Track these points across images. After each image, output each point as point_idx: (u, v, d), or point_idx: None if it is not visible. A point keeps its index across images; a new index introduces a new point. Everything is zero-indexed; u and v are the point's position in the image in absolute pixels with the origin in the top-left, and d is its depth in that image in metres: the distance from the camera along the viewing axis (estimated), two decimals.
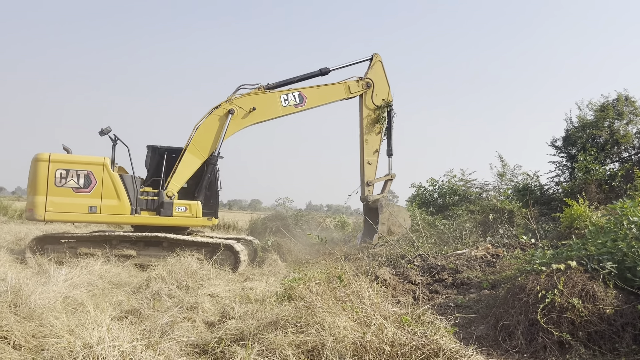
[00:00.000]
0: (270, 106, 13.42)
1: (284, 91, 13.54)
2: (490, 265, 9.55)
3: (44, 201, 11.60)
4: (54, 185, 11.66)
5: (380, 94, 14.55)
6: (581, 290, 5.54)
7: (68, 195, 11.71)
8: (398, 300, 7.22)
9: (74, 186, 11.75)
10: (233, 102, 13.06)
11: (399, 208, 15.15)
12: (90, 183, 11.83)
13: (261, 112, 13.30)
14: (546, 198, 17.27)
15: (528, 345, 5.46)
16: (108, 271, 9.82)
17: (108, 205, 11.87)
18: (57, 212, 11.71)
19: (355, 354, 4.48)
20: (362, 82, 14.38)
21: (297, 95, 13.56)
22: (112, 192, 11.89)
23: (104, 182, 11.86)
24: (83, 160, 11.98)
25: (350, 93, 14.30)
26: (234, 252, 11.97)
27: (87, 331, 4.41)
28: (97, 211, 11.82)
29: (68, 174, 11.75)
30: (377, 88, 14.52)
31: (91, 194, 11.80)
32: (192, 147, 12.79)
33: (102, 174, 11.87)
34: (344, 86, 14.25)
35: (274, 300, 6.20)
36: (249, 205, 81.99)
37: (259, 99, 13.31)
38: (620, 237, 6.20)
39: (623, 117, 17.75)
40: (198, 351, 5.17)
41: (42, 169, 11.70)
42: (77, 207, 11.74)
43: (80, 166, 11.85)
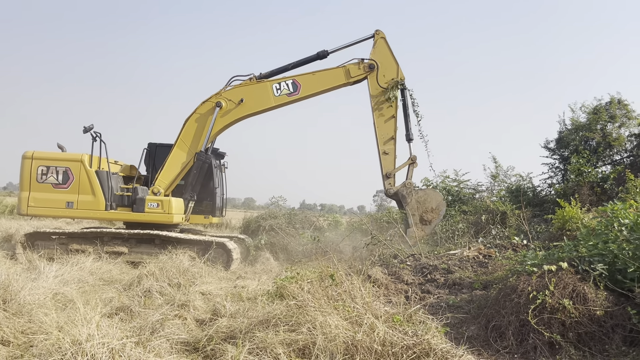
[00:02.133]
0: (261, 97, 12.48)
1: (276, 80, 12.49)
2: (482, 266, 9.58)
3: (27, 196, 11.99)
4: (36, 182, 12.03)
5: (388, 73, 12.74)
6: (572, 291, 5.56)
7: (48, 190, 12.05)
8: (390, 300, 7.23)
9: (53, 182, 12.09)
10: (222, 94, 12.49)
11: (425, 192, 13.22)
12: (69, 179, 12.12)
13: (250, 104, 12.49)
14: (539, 199, 17.33)
15: (519, 345, 5.48)
16: (99, 268, 9.78)
17: (84, 201, 12.08)
18: (38, 207, 12.09)
19: (346, 353, 4.48)
20: (364, 65, 12.70)
21: (291, 84, 12.41)
22: (88, 188, 12.10)
23: (81, 178, 12.10)
24: (62, 157, 12.27)
25: (351, 77, 12.66)
26: (227, 250, 11.95)
27: (76, 328, 4.37)
28: (74, 207, 12.07)
29: (49, 170, 12.09)
30: (384, 68, 12.73)
31: (69, 189, 12.09)
32: (181, 142, 12.66)
33: (79, 170, 12.10)
34: (342, 70, 12.65)
35: (266, 299, 6.19)
36: (243, 204, 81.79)
37: (248, 90, 12.50)
38: (611, 239, 6.23)
39: (616, 120, 17.85)
40: (189, 349, 5.15)
41: (27, 166, 12.08)
42: (56, 203, 12.03)
43: (60, 163, 12.16)
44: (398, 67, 12.80)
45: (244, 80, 12.58)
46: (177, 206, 12.35)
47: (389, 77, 12.69)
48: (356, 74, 12.67)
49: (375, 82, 12.68)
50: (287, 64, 12.63)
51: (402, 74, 12.79)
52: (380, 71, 12.69)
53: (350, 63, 12.67)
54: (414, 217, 12.62)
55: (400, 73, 12.77)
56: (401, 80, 12.73)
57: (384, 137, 12.75)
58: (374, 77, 12.68)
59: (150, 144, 13.35)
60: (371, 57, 12.71)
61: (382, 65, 12.71)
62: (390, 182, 12.78)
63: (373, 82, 12.70)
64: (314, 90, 12.62)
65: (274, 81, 12.45)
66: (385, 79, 12.69)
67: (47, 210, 12.29)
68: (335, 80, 12.67)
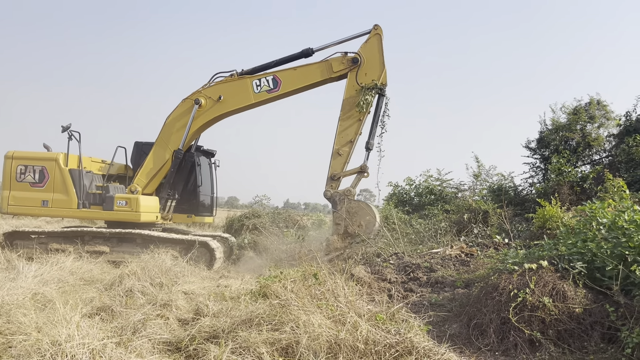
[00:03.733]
0: (240, 94, 11.90)
1: (257, 76, 11.88)
2: (465, 265, 9.66)
3: (7, 195, 12.17)
4: (15, 181, 12.21)
5: (371, 73, 11.61)
6: (552, 289, 5.64)
7: (26, 189, 12.21)
8: (373, 299, 7.25)
9: (31, 181, 12.23)
10: (202, 91, 12.07)
11: (358, 204, 11.84)
12: (44, 178, 12.23)
13: (229, 101, 11.96)
14: (520, 199, 17.52)
15: (500, 343, 5.54)
16: (80, 267, 9.64)
17: (58, 200, 12.15)
18: (17, 206, 12.27)
19: (329, 351, 4.49)
20: (347, 58, 11.65)
21: (271, 80, 11.72)
22: (61, 186, 12.16)
23: (55, 177, 12.18)
24: (39, 157, 12.38)
25: (333, 72, 11.70)
26: (210, 249, 11.87)
27: (56, 328, 4.32)
28: (49, 205, 12.17)
29: (27, 169, 12.24)
30: (368, 65, 11.62)
31: (45, 188, 12.21)
32: (160, 140, 12.51)
33: (54, 169, 12.18)
34: (325, 65, 11.73)
35: (249, 298, 6.16)
36: (226, 203, 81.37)
37: (227, 87, 11.97)
38: (590, 238, 6.34)
39: (595, 121, 18.15)
40: (171, 349, 5.11)
41: (7, 166, 12.27)
42: (33, 201, 12.17)
43: (37, 162, 12.28)
44: (384, 70, 11.70)
45: (226, 76, 12.19)
46: (147, 205, 12.13)
47: (370, 78, 11.62)
48: (338, 69, 11.72)
49: (354, 79, 11.62)
50: (270, 62, 12.08)
51: (385, 79, 11.75)
52: (363, 68, 11.64)
53: (333, 57, 11.78)
54: (338, 227, 11.67)
55: (383, 77, 11.72)
56: (382, 85, 11.66)
57: (343, 137, 11.73)
58: (354, 73, 11.64)
59: (137, 143, 13.20)
60: (358, 51, 11.67)
61: (367, 63, 11.65)
62: (333, 185, 11.77)
63: (352, 77, 11.65)
64: (294, 87, 11.92)
65: (254, 77, 11.89)
66: (365, 78, 11.62)
67: (25, 209, 12.39)
68: (317, 76, 11.86)
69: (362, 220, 11.37)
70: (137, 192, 12.21)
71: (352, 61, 11.64)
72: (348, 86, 11.70)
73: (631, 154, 15.16)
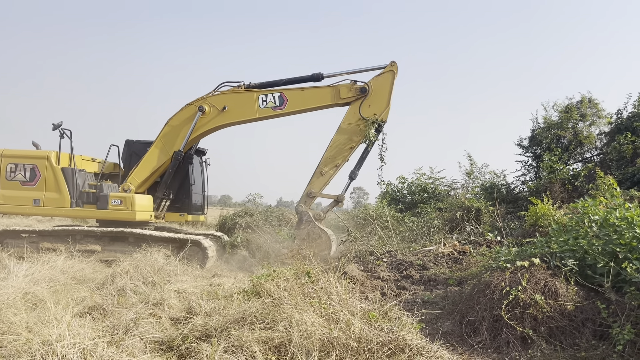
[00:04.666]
0: (245, 107, 11.98)
1: (264, 91, 11.94)
2: (457, 262, 9.70)
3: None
4: (5, 179, 11.99)
5: (375, 106, 11.65)
6: (544, 286, 5.67)
7: (16, 188, 12.00)
8: (366, 297, 7.25)
9: (21, 180, 12.02)
10: (206, 99, 12.12)
11: (320, 234, 11.73)
12: (36, 176, 12.03)
13: (233, 113, 12.06)
14: (512, 197, 17.63)
15: (492, 340, 5.56)
16: (71, 267, 9.56)
17: (50, 198, 11.98)
18: (7, 205, 12.06)
19: (322, 350, 4.48)
20: (356, 87, 11.75)
21: (278, 97, 11.84)
22: (54, 185, 11.99)
23: (47, 175, 12.01)
24: (30, 155, 12.19)
25: (340, 99, 11.81)
26: (202, 247, 11.83)
27: (47, 328, 4.28)
28: (40, 204, 11.98)
29: (17, 168, 12.04)
30: (374, 98, 11.67)
31: (36, 187, 12.01)
32: (159, 141, 12.55)
33: (46, 167, 12.01)
34: (332, 90, 11.85)
35: (242, 297, 6.14)
36: (219, 201, 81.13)
37: (233, 98, 12.07)
38: (582, 235, 6.38)
39: (586, 119, 18.28)
40: (163, 348, 5.08)
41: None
42: (23, 200, 11.96)
43: (28, 160, 12.08)
44: (388, 107, 11.71)
45: (233, 87, 12.18)
46: (142, 203, 12.08)
47: (373, 111, 11.63)
48: (346, 96, 11.78)
49: (357, 108, 11.69)
50: (279, 79, 12.16)
51: (387, 116, 11.74)
52: (369, 100, 11.67)
53: (342, 83, 11.87)
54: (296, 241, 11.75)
55: (386, 113, 11.69)
56: (382, 121, 11.69)
57: (330, 160, 11.88)
58: (359, 103, 11.71)
59: (128, 141, 13.15)
60: (369, 82, 11.71)
61: (374, 95, 11.67)
62: (307, 201, 12.02)
63: (356, 106, 11.73)
64: (300, 107, 11.98)
65: (261, 92, 11.92)
66: (369, 110, 11.65)
67: (15, 208, 12.19)
68: (324, 100, 11.91)
69: (317, 250, 11.11)
70: (130, 190, 12.16)
71: (360, 90, 11.68)
72: (349, 114, 11.79)
73: (622, 151, 15.28)
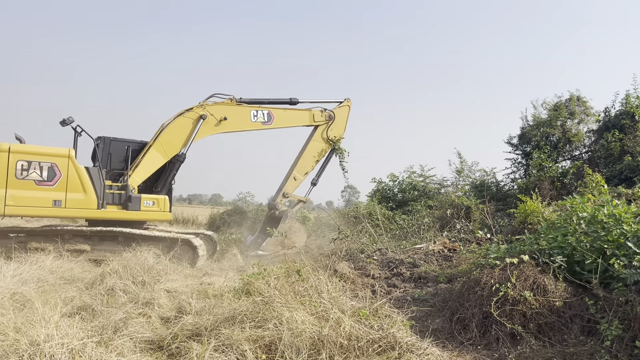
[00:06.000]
0: (241, 119, 13.91)
1: (255, 107, 14.06)
2: (447, 260, 9.74)
3: (4, 194, 10.84)
4: (14, 178, 10.95)
5: (335, 130, 15.48)
6: (533, 283, 5.71)
7: (30, 188, 11.04)
8: (357, 294, 7.27)
9: (36, 179, 11.11)
10: (206, 108, 13.31)
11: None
12: (55, 176, 11.25)
13: (232, 123, 13.78)
14: (502, 194, 17.70)
15: (482, 337, 5.59)
16: (60, 266, 9.49)
17: (74, 199, 11.39)
18: (18, 207, 11.01)
19: (312, 348, 4.48)
20: (326, 114, 15.28)
21: (267, 114, 14.18)
22: (78, 185, 11.42)
23: (70, 174, 11.33)
24: (46, 152, 11.34)
25: (314, 121, 15.12)
26: (192, 246, 11.79)
27: (35, 328, 4.24)
28: (62, 205, 11.27)
29: (30, 165, 11.07)
30: (335, 124, 15.43)
31: (56, 187, 11.22)
32: (159, 144, 12.78)
33: (67, 166, 11.35)
34: (309, 114, 15.11)
35: (232, 296, 6.13)
36: (210, 200, 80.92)
37: (231, 110, 13.77)
38: (570, 232, 6.42)
39: (575, 117, 18.38)
40: (153, 347, 5.06)
41: (1, 160, 10.95)
42: (40, 201, 11.12)
43: (44, 158, 11.22)
44: (343, 132, 15.69)
45: (224, 99, 13.81)
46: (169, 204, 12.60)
47: (334, 134, 15.45)
48: (319, 120, 15.21)
49: (325, 131, 15.29)
50: (264, 98, 14.44)
51: (341, 139, 15.64)
52: (332, 125, 15.37)
53: (316, 110, 15.23)
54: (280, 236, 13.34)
55: (341, 137, 15.61)
56: (339, 141, 15.53)
57: (302, 168, 15.30)
58: (326, 126, 15.30)
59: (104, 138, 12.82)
60: (334, 111, 15.46)
61: (336, 121, 15.43)
62: (283, 201, 15.28)
63: (323, 129, 15.29)
64: (283, 125, 14.71)
65: (252, 108, 14.03)
66: (331, 132, 15.38)
67: (29, 210, 11.25)
68: (302, 121, 15.07)
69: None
70: (133, 191, 12.40)
71: (328, 117, 15.37)
72: (317, 134, 15.27)
73: (610, 149, 15.40)
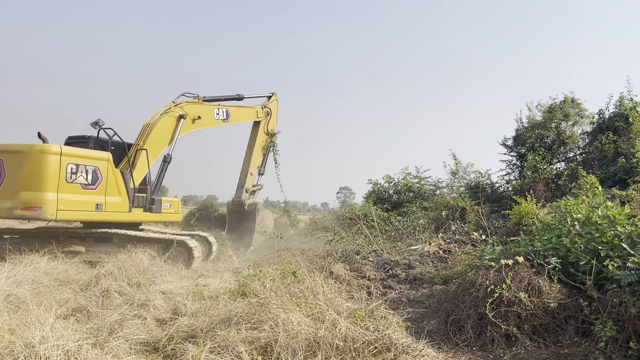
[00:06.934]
0: (209, 117, 14.60)
1: (216, 106, 14.81)
2: (443, 261, 9.76)
3: (55, 198, 10.35)
4: (65, 181, 10.56)
5: (272, 124, 17.24)
6: (527, 284, 5.73)
7: (77, 192, 10.75)
8: (352, 296, 7.26)
9: (83, 182, 10.85)
10: (183, 107, 13.55)
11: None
12: (98, 179, 11.12)
13: (204, 121, 14.37)
14: (497, 196, 17.76)
15: (477, 338, 5.61)
16: (54, 268, 9.43)
17: (111, 203, 11.33)
18: (68, 211, 10.65)
19: (308, 349, 4.48)
20: (265, 110, 16.83)
21: (225, 112, 15.06)
22: (115, 189, 11.41)
23: (109, 178, 11.28)
24: (91, 155, 11.16)
25: (257, 118, 16.62)
26: (188, 248, 11.76)
27: (29, 330, 4.22)
28: (103, 209, 11.16)
29: (78, 169, 10.82)
30: (272, 118, 17.18)
31: (97, 190, 11.08)
32: (149, 145, 12.74)
33: (107, 170, 11.30)
34: (254, 111, 16.57)
35: (228, 297, 6.13)
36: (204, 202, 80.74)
37: (203, 109, 14.30)
38: (564, 234, 6.45)
39: (569, 119, 18.47)
40: (148, 349, 5.04)
41: (53, 163, 10.44)
42: (85, 205, 10.86)
43: (89, 161, 11.00)
44: (277, 123, 17.59)
45: (191, 98, 14.19)
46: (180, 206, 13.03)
47: (271, 127, 17.19)
48: (261, 116, 16.73)
49: (265, 126, 16.92)
50: (220, 95, 15.30)
51: (275, 129, 17.50)
52: (270, 120, 17.00)
53: (258, 107, 16.66)
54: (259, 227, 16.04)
55: (275, 128, 17.46)
56: (275, 132, 17.42)
57: (255, 163, 16.90)
58: (266, 122, 16.87)
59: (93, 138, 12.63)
60: (269, 107, 16.97)
61: (272, 116, 17.12)
62: (247, 195, 16.64)
63: (264, 125, 16.86)
64: (237, 121, 15.82)
65: (214, 106, 14.79)
66: (269, 127, 17.07)
67: (77, 214, 10.95)
68: (251, 117, 16.46)
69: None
70: None
71: (267, 114, 16.91)
72: (260, 130, 16.78)
73: (604, 151, 15.48)
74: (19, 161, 10.38)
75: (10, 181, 10.39)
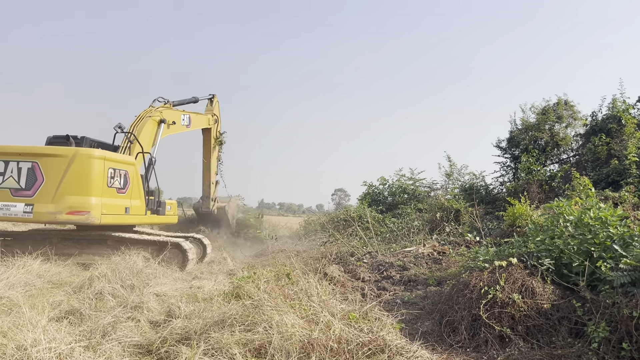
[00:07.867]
0: (179, 122, 14.78)
1: (181, 112, 15.02)
2: (437, 263, 9.78)
3: (100, 203, 10.43)
4: (106, 186, 10.62)
5: (219, 127, 17.81)
6: (521, 286, 5.75)
7: (113, 196, 10.85)
8: (346, 298, 7.27)
9: (117, 187, 10.98)
10: (162, 112, 13.65)
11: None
12: (127, 183, 11.27)
13: (177, 127, 14.60)
14: (491, 197, 17.81)
15: (471, 340, 5.62)
16: (47, 270, 9.38)
17: (134, 206, 11.46)
18: (109, 215, 10.72)
19: (302, 351, 4.48)
20: (213, 118, 17.21)
21: (188, 118, 15.33)
22: (137, 192, 11.57)
23: (134, 182, 11.43)
24: (124, 160, 11.28)
25: (209, 125, 16.95)
26: (182, 250, 11.72)
27: (22, 333, 4.20)
28: (130, 212, 11.25)
29: (115, 173, 10.90)
30: (219, 124, 17.70)
31: (126, 194, 11.21)
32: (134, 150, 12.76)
33: (134, 174, 11.43)
34: (207, 117, 16.85)
35: (222, 299, 6.12)
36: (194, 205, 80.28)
37: (175, 115, 14.50)
38: (557, 235, 6.48)
39: (562, 121, 18.57)
40: (142, 351, 5.02)
41: (98, 167, 10.47)
42: (119, 209, 10.97)
43: (122, 165, 11.09)
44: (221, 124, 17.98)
45: (163, 104, 14.29)
46: None
47: (219, 132, 17.73)
48: (212, 123, 17.09)
49: (216, 131, 17.39)
50: (182, 99, 15.54)
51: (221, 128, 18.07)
52: (218, 125, 17.58)
53: (209, 114, 16.95)
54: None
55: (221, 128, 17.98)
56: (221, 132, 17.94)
57: (214, 171, 17.61)
58: (215, 127, 17.37)
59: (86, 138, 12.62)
60: (215, 113, 17.25)
61: (219, 121, 17.68)
62: (212, 203, 17.73)
63: (214, 130, 17.29)
64: (196, 127, 16.23)
65: (181, 113, 14.99)
66: (218, 132, 17.69)
67: (114, 218, 10.96)
68: (206, 123, 16.77)
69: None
70: None
71: (215, 121, 17.32)
72: (212, 136, 17.19)
73: (597, 153, 15.55)
74: (60, 165, 10.28)
75: (51, 185, 10.23)
